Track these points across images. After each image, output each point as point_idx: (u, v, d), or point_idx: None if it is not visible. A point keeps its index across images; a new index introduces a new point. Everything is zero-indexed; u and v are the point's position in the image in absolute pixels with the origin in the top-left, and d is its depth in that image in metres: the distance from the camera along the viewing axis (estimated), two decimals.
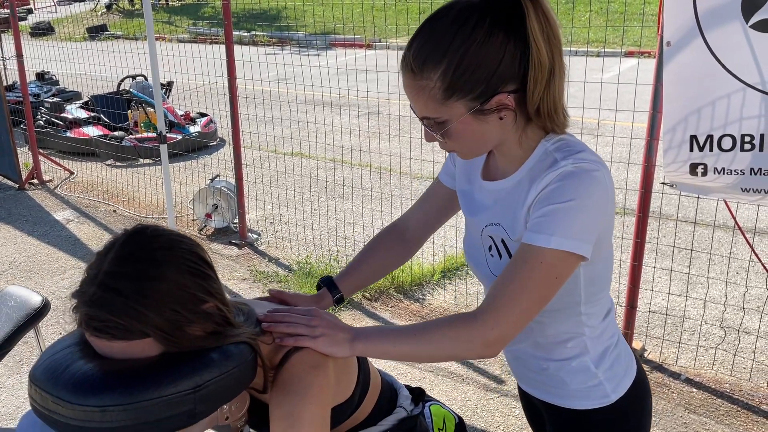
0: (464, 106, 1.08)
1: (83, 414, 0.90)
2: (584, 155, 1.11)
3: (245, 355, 1.03)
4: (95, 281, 0.96)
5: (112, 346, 0.96)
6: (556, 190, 1.08)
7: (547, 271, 1.08)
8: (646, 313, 3.31)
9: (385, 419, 1.43)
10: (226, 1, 3.98)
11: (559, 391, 1.32)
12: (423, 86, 1.08)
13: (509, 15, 1.04)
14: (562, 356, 1.28)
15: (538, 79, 1.06)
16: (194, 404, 0.95)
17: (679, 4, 2.40)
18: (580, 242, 1.07)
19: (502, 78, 1.06)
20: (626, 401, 1.32)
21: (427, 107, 1.10)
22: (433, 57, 1.06)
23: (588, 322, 1.25)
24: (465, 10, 1.06)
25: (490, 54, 1.04)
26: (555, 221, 1.07)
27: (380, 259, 1.50)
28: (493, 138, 1.14)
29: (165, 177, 4.23)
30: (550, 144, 1.15)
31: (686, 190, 2.68)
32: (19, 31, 5.77)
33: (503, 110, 1.09)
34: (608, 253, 1.22)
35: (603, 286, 1.25)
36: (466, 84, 1.06)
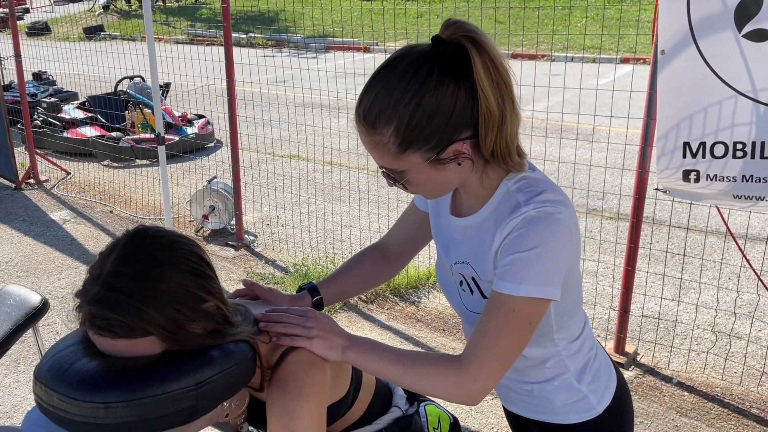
0: (421, 157, 1.08)
1: (88, 410, 0.92)
2: (546, 196, 1.12)
3: (245, 353, 1.05)
4: (98, 281, 0.99)
5: (115, 344, 0.98)
6: (520, 237, 1.09)
7: (520, 318, 1.09)
8: (639, 317, 3.35)
9: (380, 418, 1.45)
10: (225, 3, 4.01)
11: (546, 409, 1.35)
12: (377, 141, 1.08)
13: (458, 64, 1.04)
14: (544, 378, 1.31)
15: (489, 127, 1.06)
16: (196, 400, 0.97)
17: (674, 13, 2.43)
18: (548, 287, 1.09)
19: (456, 127, 1.06)
20: (612, 410, 1.35)
21: (384, 160, 1.11)
22: (384, 114, 1.05)
23: (562, 344, 1.28)
24: (414, 62, 1.05)
25: (442, 105, 1.04)
26: (522, 269, 1.08)
27: (362, 273, 1.52)
28: (454, 182, 1.16)
29: (162, 178, 4.25)
30: (512, 183, 1.16)
31: (679, 196, 2.72)
32: (17, 30, 5.78)
33: (460, 157, 1.10)
34: (575, 284, 1.24)
35: (574, 311, 1.28)
36: (420, 136, 1.06)
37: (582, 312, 1.35)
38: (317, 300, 1.43)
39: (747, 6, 2.30)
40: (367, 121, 1.08)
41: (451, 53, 1.04)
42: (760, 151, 2.44)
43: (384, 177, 1.17)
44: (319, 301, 1.43)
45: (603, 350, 1.42)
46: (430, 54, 1.06)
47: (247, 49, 10.51)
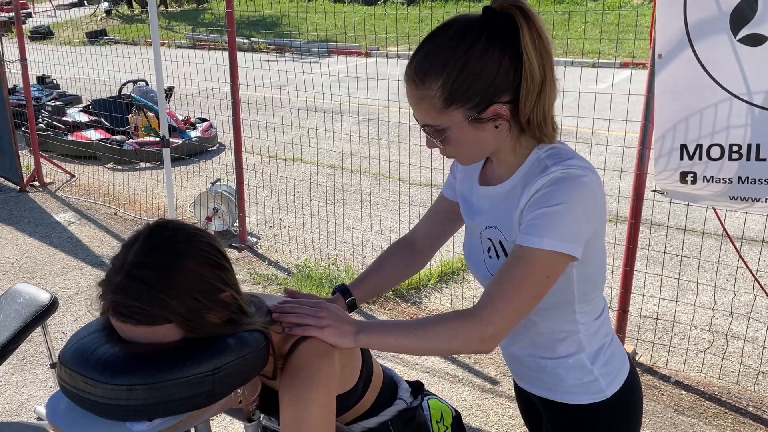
0: (462, 115, 1.16)
1: (111, 392, 0.97)
2: (574, 162, 1.19)
3: (259, 342, 1.10)
4: (121, 271, 1.03)
5: (136, 331, 1.03)
6: (547, 195, 1.15)
7: (539, 270, 1.15)
8: (638, 317, 3.39)
9: (385, 410, 1.49)
10: (230, 8, 4.07)
11: (557, 387, 1.39)
12: (424, 95, 1.16)
13: (505, 31, 1.12)
14: (559, 354, 1.35)
15: (529, 91, 1.14)
16: (212, 385, 1.02)
17: (671, 18, 2.49)
18: (570, 243, 1.14)
19: (497, 89, 1.14)
20: (620, 397, 1.39)
21: (428, 115, 1.18)
22: (434, 69, 1.14)
23: (582, 320, 1.32)
24: (464, 26, 1.14)
25: (487, 67, 1.12)
26: (546, 224, 1.14)
27: (391, 269, 1.58)
28: (490, 145, 1.22)
29: (167, 180, 4.30)
30: (542, 152, 1.23)
31: (676, 197, 2.77)
32: (23, 34, 5.84)
33: (498, 119, 1.17)
34: (600, 255, 1.29)
35: (596, 286, 1.32)
36: (465, 94, 1.13)
37: (603, 297, 1.40)
38: (350, 301, 1.48)
39: (742, 11, 2.36)
40: (418, 75, 1.15)
41: (499, 21, 1.13)
42: (755, 153, 2.49)
43: (425, 134, 1.22)
44: (352, 302, 1.48)
45: (619, 341, 1.47)
46: (480, 21, 1.14)
47: (249, 54, 10.58)
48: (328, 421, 1.16)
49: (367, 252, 4.35)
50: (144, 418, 1.00)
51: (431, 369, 3.13)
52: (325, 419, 1.15)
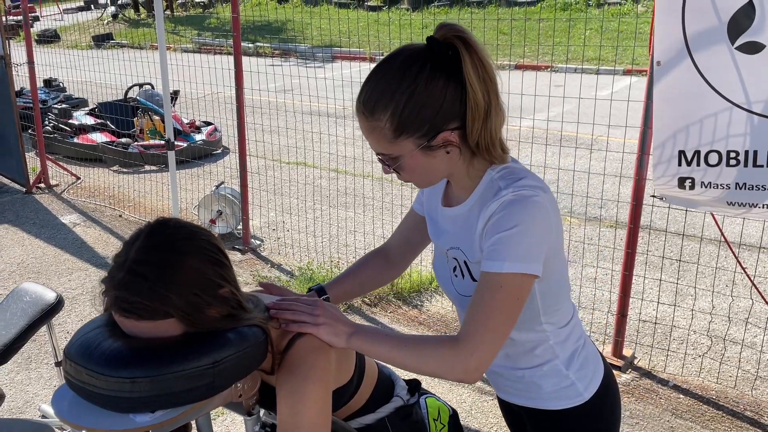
0: (413, 144, 1.19)
1: (115, 384, 1.00)
2: (524, 182, 1.22)
3: (258, 337, 1.14)
4: (123, 267, 1.07)
5: (138, 326, 1.06)
6: (501, 219, 1.19)
7: (507, 293, 1.18)
8: (637, 321, 3.41)
9: (382, 407, 1.53)
10: (235, 13, 4.12)
11: (536, 395, 1.43)
12: (374, 127, 1.20)
13: (448, 61, 1.16)
14: (533, 363, 1.39)
15: (475, 118, 1.18)
16: (213, 378, 1.05)
17: (669, 26, 2.52)
18: (530, 263, 1.18)
19: (445, 117, 1.18)
20: (598, 398, 1.42)
21: (380, 145, 1.22)
22: (381, 101, 1.17)
23: (550, 329, 1.36)
24: (409, 58, 1.17)
25: (433, 96, 1.16)
26: (504, 248, 1.17)
27: (367, 275, 1.62)
28: (442, 170, 1.26)
29: (172, 183, 4.34)
30: (495, 173, 1.26)
31: (675, 203, 2.79)
32: (31, 37, 5.91)
33: (449, 146, 1.21)
34: (560, 268, 1.33)
35: (560, 296, 1.36)
36: (413, 124, 1.17)
37: (570, 303, 1.43)
38: (324, 299, 1.51)
39: (740, 19, 2.39)
40: (367, 107, 1.19)
41: (443, 51, 1.16)
42: (753, 160, 2.51)
43: (380, 163, 1.27)
44: (326, 300, 1.52)
45: (591, 341, 1.50)
46: (424, 51, 1.18)
47: (255, 59, 10.64)
48: (324, 414, 1.19)
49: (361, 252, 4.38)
50: (147, 409, 1.03)
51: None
52: (322, 412, 1.18)
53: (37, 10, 23.18)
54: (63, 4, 25.01)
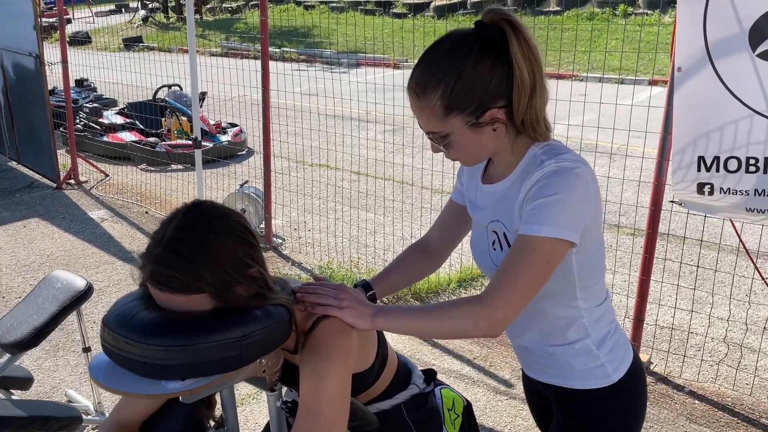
0: (462, 121, 1.26)
1: (149, 352, 1.07)
2: (567, 156, 1.28)
3: (283, 315, 1.20)
4: (161, 244, 1.14)
5: (172, 299, 1.13)
6: (543, 187, 1.25)
7: (540, 256, 1.23)
8: (653, 326, 3.42)
9: (399, 394, 1.58)
10: (264, 16, 4.22)
11: (565, 373, 1.46)
12: (425, 106, 1.26)
13: (496, 43, 1.22)
14: (566, 340, 1.43)
15: (521, 96, 1.24)
16: (240, 351, 1.11)
17: (691, 32, 2.55)
18: (567, 230, 1.23)
19: (492, 96, 1.24)
20: (625, 383, 1.46)
21: (431, 123, 1.29)
22: (432, 81, 1.24)
23: (584, 306, 1.40)
24: (458, 40, 1.25)
25: (481, 76, 1.23)
26: (544, 213, 1.23)
27: (409, 268, 1.68)
28: (489, 147, 1.33)
29: (198, 180, 4.44)
30: (538, 149, 1.32)
31: (694, 208, 2.81)
32: (65, 38, 6.08)
33: (496, 123, 1.27)
34: (597, 244, 1.37)
35: (596, 273, 1.40)
36: (462, 102, 1.24)
37: (604, 284, 1.47)
38: (371, 295, 1.57)
39: (761, 26, 2.41)
40: (419, 87, 1.26)
41: (490, 34, 1.23)
42: None
43: (429, 141, 1.33)
44: (373, 296, 1.57)
45: (622, 330, 1.54)
46: (472, 34, 1.25)
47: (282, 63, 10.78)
48: (344, 394, 1.24)
49: (388, 256, 4.44)
50: (177, 377, 1.09)
51: (447, 370, 3.20)
52: (341, 392, 1.24)
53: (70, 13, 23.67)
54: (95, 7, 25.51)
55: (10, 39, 6.01)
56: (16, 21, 5.75)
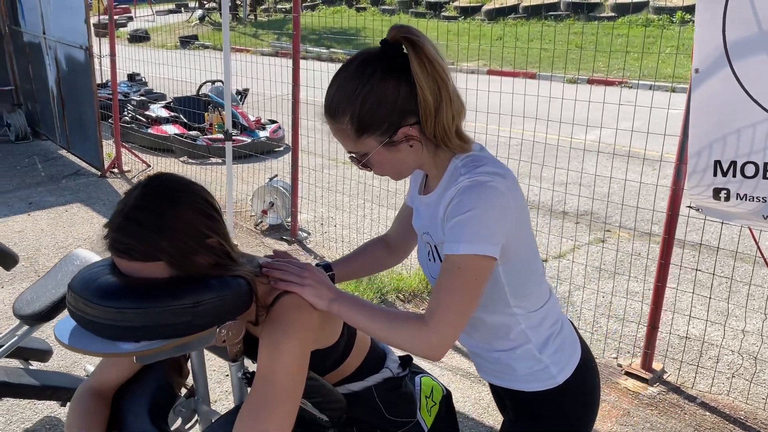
0: (375, 141, 1.27)
1: (105, 313, 1.13)
2: (483, 168, 1.27)
3: (240, 287, 1.24)
4: (122, 213, 1.20)
5: (131, 266, 1.19)
6: (458, 204, 1.25)
7: (466, 275, 1.23)
8: (668, 335, 3.34)
9: (371, 376, 1.61)
10: (296, 13, 4.30)
11: (511, 376, 1.47)
12: (338, 129, 1.29)
13: (398, 62, 1.23)
14: (507, 346, 1.44)
15: (427, 113, 1.24)
16: (192, 317, 1.16)
17: (709, 33, 2.49)
18: (486, 244, 1.22)
19: (401, 114, 1.25)
20: (572, 383, 1.45)
21: (347, 144, 1.31)
22: (342, 104, 1.26)
23: (520, 312, 1.40)
24: (363, 61, 1.26)
25: (386, 96, 1.23)
26: (460, 231, 1.23)
27: (371, 258, 1.72)
28: (410, 162, 1.33)
29: (228, 171, 4.56)
30: (459, 161, 1.32)
31: (711, 214, 2.74)
32: (114, 32, 6.32)
33: (411, 140, 1.28)
34: (526, 251, 1.37)
35: (528, 280, 1.39)
36: (372, 123, 1.25)
37: (546, 287, 1.47)
38: (329, 275, 1.61)
39: None
40: (329, 111, 1.29)
41: (394, 53, 1.24)
42: None
43: (352, 161, 1.36)
44: (331, 277, 1.62)
45: (570, 327, 1.53)
46: (377, 54, 1.26)
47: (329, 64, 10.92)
48: (299, 367, 1.28)
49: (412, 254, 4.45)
50: (132, 339, 1.15)
51: (454, 368, 3.20)
52: (296, 364, 1.27)
53: (132, 11, 24.50)
54: (156, 6, 26.35)
55: (63, 31, 6.29)
56: (69, 14, 6.01)
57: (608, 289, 3.95)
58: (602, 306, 3.76)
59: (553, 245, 4.64)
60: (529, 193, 5.73)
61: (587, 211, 5.29)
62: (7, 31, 7.83)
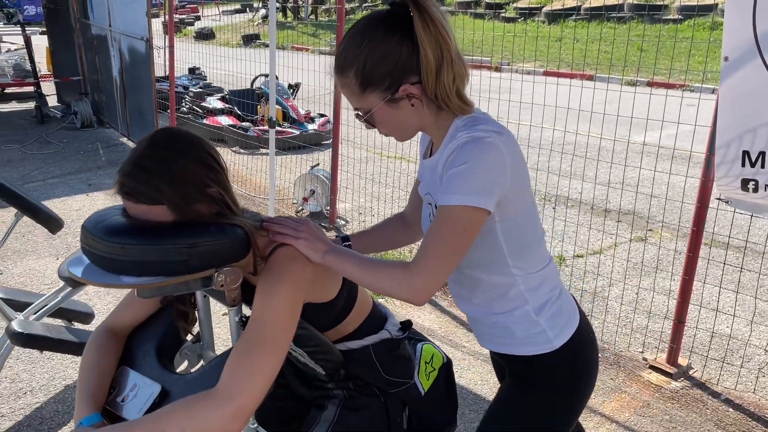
0: (378, 97, 1.33)
1: (110, 248, 1.24)
2: (482, 126, 1.32)
3: (237, 234, 1.34)
4: (131, 161, 1.32)
5: (137, 208, 1.30)
6: (455, 158, 1.30)
7: (455, 225, 1.28)
8: (694, 330, 3.28)
9: (369, 336, 1.68)
10: (340, 5, 4.42)
11: (509, 340, 1.51)
12: (345, 83, 1.36)
13: (403, 22, 1.29)
14: (505, 308, 1.48)
15: (428, 72, 1.30)
16: (189, 257, 1.27)
17: (739, 22, 2.46)
18: (476, 197, 1.27)
19: (404, 71, 1.30)
20: (569, 348, 1.48)
21: (352, 100, 1.38)
22: (348, 60, 1.33)
23: (519, 273, 1.44)
24: (369, 21, 1.33)
25: (389, 53, 1.29)
26: (454, 182, 1.27)
27: (388, 233, 1.79)
28: (413, 122, 1.39)
29: (270, 158, 4.72)
30: (460, 122, 1.37)
31: (740, 207, 2.69)
32: (173, 27, 6.61)
33: (412, 98, 1.33)
34: (524, 211, 1.41)
35: (527, 241, 1.43)
36: (375, 78, 1.31)
37: (546, 252, 1.51)
38: (346, 245, 1.69)
39: None
40: (338, 66, 1.36)
41: (399, 12, 1.31)
42: None
43: (357, 119, 1.43)
44: (349, 248, 1.69)
45: (569, 296, 1.56)
46: (384, 13, 1.33)
47: None
48: (290, 312, 1.36)
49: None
50: (133, 273, 1.26)
51: (474, 352, 3.23)
52: (287, 310, 1.36)
53: (200, 10, 25.33)
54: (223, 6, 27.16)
55: (127, 24, 6.62)
56: (132, 7, 6.33)
57: (642, 286, 3.90)
58: (633, 302, 3.72)
59: (591, 242, 4.60)
60: (581, 191, 5.68)
61: (630, 210, 5.21)
62: (77, 25, 8.29)
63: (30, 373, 3.04)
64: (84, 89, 8.40)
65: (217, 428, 1.24)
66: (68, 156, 6.92)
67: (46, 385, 2.95)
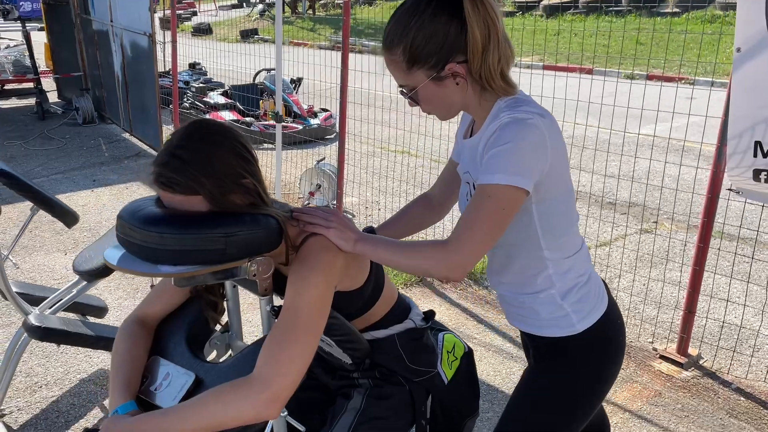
0: (424, 74, 1.36)
1: (147, 237, 1.26)
2: (524, 108, 1.34)
3: (270, 224, 1.35)
4: (167, 151, 1.33)
5: (173, 198, 1.32)
6: (497, 138, 1.32)
7: (494, 204, 1.30)
8: (704, 320, 3.31)
9: (395, 326, 1.70)
10: (346, 6, 4.43)
11: (534, 321, 1.54)
12: (392, 60, 1.38)
13: (452, 0, 1.30)
14: (533, 290, 1.50)
15: (474, 52, 1.32)
16: (225, 246, 1.28)
17: (752, 12, 2.47)
18: (518, 177, 1.29)
19: (450, 50, 1.33)
20: (593, 333, 1.51)
21: (398, 77, 1.40)
22: (396, 36, 1.35)
23: (550, 257, 1.46)
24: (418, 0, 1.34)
25: (437, 31, 1.31)
26: (496, 162, 1.30)
27: (413, 218, 1.81)
28: (456, 101, 1.41)
29: (277, 153, 4.73)
30: (503, 103, 1.39)
31: (751, 197, 2.71)
32: (176, 22, 6.60)
33: (457, 77, 1.36)
34: (561, 195, 1.42)
35: (561, 225, 1.45)
36: (422, 56, 1.33)
37: (579, 238, 1.53)
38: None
39: None
40: (386, 42, 1.39)
41: None
42: None
43: (402, 95, 1.44)
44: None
45: (600, 282, 1.58)
46: None
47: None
48: (323, 301, 1.38)
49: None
50: (170, 262, 1.28)
51: (487, 344, 3.25)
52: (320, 299, 1.37)
53: (196, 6, 25.25)
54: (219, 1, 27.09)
55: (129, 19, 6.61)
56: (134, 3, 6.31)
57: (650, 277, 3.93)
58: (642, 293, 3.75)
59: (599, 233, 4.63)
60: (588, 185, 5.69)
61: (636, 202, 5.23)
62: (77, 20, 8.26)
63: (44, 367, 3.05)
64: (85, 85, 8.38)
65: (252, 414, 1.26)
66: (71, 152, 6.92)
67: (61, 378, 2.96)
